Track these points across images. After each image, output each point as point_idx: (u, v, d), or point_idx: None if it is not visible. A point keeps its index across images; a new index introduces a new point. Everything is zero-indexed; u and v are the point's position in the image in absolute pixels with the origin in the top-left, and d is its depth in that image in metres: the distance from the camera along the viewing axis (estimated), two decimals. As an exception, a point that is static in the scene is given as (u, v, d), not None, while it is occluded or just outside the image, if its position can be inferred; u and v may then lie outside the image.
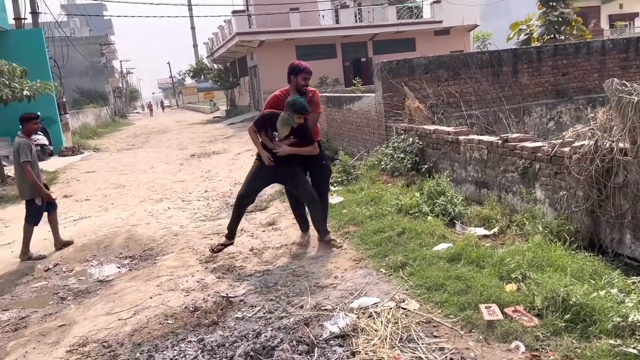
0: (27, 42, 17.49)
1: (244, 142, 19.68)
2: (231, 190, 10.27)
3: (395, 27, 30.48)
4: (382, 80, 10.14)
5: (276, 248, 5.99)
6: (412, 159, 8.62)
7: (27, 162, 6.43)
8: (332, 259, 5.31)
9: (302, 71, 5.64)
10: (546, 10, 13.95)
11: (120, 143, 25.17)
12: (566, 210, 5.24)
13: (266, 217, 7.55)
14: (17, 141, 6.55)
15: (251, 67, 31.95)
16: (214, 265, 5.60)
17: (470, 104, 10.66)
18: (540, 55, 11.18)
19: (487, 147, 6.84)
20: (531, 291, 3.66)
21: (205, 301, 4.62)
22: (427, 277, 4.25)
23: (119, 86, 64.24)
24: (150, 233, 7.33)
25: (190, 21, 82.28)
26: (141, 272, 5.69)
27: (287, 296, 4.51)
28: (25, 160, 6.42)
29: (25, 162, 6.42)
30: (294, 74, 5.65)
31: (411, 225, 5.59)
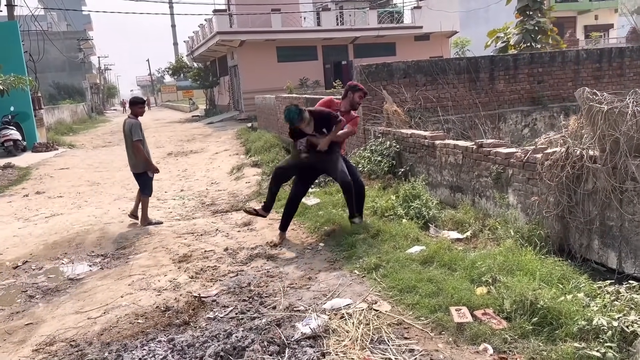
0: (1, 34, 17.12)
1: (222, 142, 19.61)
2: (207, 190, 10.22)
3: (376, 31, 30.64)
4: (362, 84, 10.16)
5: (251, 249, 5.97)
6: (389, 162, 8.68)
7: (139, 141, 7.31)
8: (306, 260, 5.32)
9: (360, 90, 6.36)
10: (523, 19, 14.21)
11: (96, 140, 24.82)
12: (537, 215, 5.33)
13: (242, 217, 7.50)
14: (128, 122, 7.42)
15: (231, 66, 31.78)
16: (187, 265, 5.56)
17: (447, 109, 10.77)
18: (516, 62, 11.36)
19: (462, 152, 6.92)
20: (501, 294, 3.72)
21: (177, 301, 4.57)
22: (400, 279, 4.28)
23: (96, 82, 63.31)
24: (124, 231, 7.24)
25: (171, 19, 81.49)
26: (113, 271, 5.62)
27: (260, 297, 4.50)
28: (137, 139, 7.30)
29: (137, 140, 7.29)
30: (353, 90, 6.35)
31: (386, 227, 5.63)
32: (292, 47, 29.84)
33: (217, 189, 10.20)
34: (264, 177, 9.56)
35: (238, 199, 8.90)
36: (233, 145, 17.88)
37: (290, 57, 29.85)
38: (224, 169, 12.68)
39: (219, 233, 6.79)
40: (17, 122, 17.32)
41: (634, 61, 12.24)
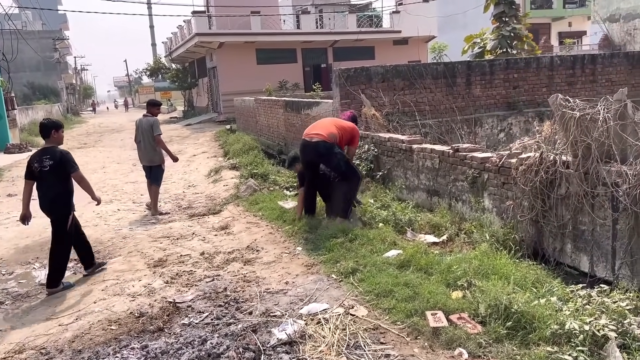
0: (-27, 33, 16.72)
1: (200, 144, 19.45)
2: (184, 193, 10.12)
3: (355, 35, 30.73)
4: (340, 87, 10.20)
5: (228, 253, 5.92)
6: (368, 165, 8.71)
7: (160, 134, 8.46)
8: (284, 265, 5.29)
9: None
10: (499, 25, 14.42)
11: (71, 141, 24.36)
12: (512, 219, 5.39)
13: (219, 220, 7.45)
14: (146, 120, 8.51)
15: (210, 68, 31.55)
16: (162, 270, 5.48)
17: (425, 113, 10.86)
18: (492, 68, 11.51)
19: (439, 156, 6.98)
20: (476, 299, 3.75)
21: (152, 307, 4.51)
22: (377, 283, 4.28)
23: (72, 83, 62.28)
24: (98, 235, 7.12)
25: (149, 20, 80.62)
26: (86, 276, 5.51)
27: (236, 302, 4.46)
28: (159, 133, 8.41)
29: (159, 134, 8.41)
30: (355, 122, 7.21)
31: (363, 231, 5.64)
32: (272, 50, 29.76)
33: (194, 192, 10.10)
34: (241, 180, 9.49)
35: (215, 202, 8.82)
36: (211, 148, 17.74)
37: (270, 59, 29.76)
38: (201, 172, 12.57)
39: (196, 237, 6.72)
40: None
41: (605, 68, 12.51)
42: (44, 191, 5.40)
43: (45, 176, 5.32)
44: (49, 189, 5.38)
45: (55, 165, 5.35)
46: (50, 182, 5.35)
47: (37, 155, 5.42)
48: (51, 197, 5.41)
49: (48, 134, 5.48)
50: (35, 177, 5.36)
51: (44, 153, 5.38)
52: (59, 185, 5.41)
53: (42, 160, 5.32)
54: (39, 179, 5.36)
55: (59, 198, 5.46)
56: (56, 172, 5.36)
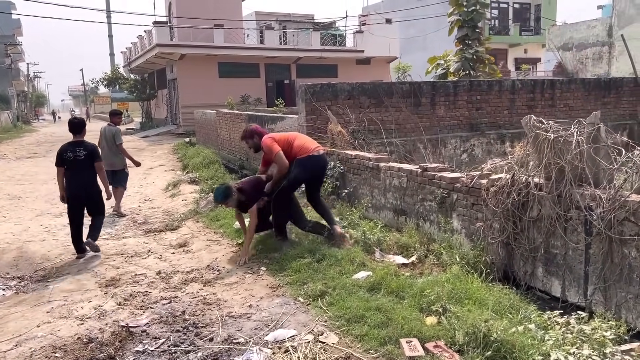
0: None
1: (157, 157, 18.89)
2: (140, 207, 9.67)
3: (319, 53, 30.85)
4: (306, 103, 10.04)
5: (186, 272, 5.58)
6: (333, 183, 8.54)
7: (122, 143, 9.22)
8: (247, 286, 5.00)
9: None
10: (462, 47, 14.67)
11: (20, 150, 23.31)
12: (482, 241, 5.29)
13: (177, 237, 7.09)
14: (109, 129, 9.23)
15: (170, 80, 30.94)
16: (115, 290, 5.10)
17: (391, 131, 10.80)
18: (456, 89, 11.61)
19: (407, 175, 6.87)
20: (452, 325, 3.57)
21: (102, 331, 4.13)
22: (347, 307, 4.06)
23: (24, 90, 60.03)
24: (45, 251, 6.63)
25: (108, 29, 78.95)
26: (29, 296, 5.06)
27: (195, 327, 4.14)
28: (120, 142, 9.16)
29: (121, 143, 9.18)
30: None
31: (331, 251, 5.41)
32: (235, 64, 29.48)
33: (150, 207, 9.66)
34: (202, 194, 9.13)
35: (173, 217, 8.43)
36: (169, 160, 17.23)
37: (232, 73, 29.46)
38: (158, 185, 12.10)
39: (152, 254, 6.34)
40: None
41: (564, 93, 12.84)
42: (78, 176, 6.39)
43: (79, 164, 6.36)
44: (83, 175, 6.40)
45: (88, 155, 6.40)
46: (84, 168, 6.40)
47: (69, 146, 6.44)
48: (85, 181, 6.42)
49: (80, 130, 6.58)
50: (67, 164, 6.35)
51: (78, 145, 6.44)
52: (91, 171, 6.45)
53: (76, 150, 6.37)
54: (72, 166, 6.35)
55: (92, 181, 6.49)
56: (88, 161, 6.40)
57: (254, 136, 6.41)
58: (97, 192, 6.58)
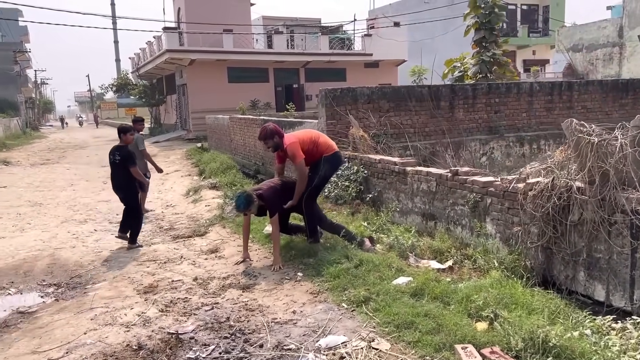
0: None
1: (171, 162, 18.95)
2: (163, 213, 9.70)
3: (327, 57, 30.91)
4: (326, 107, 10.06)
5: (222, 278, 5.59)
6: (357, 187, 8.54)
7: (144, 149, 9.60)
8: (286, 292, 5.01)
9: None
10: (480, 50, 14.67)
11: (33, 157, 23.39)
12: (520, 245, 5.28)
13: (207, 243, 7.10)
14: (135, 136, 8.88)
15: (180, 85, 31.06)
16: (154, 297, 5.11)
17: (410, 135, 10.82)
18: (475, 92, 11.61)
19: (436, 179, 6.86)
20: (506, 331, 3.57)
21: (150, 338, 4.15)
22: (395, 313, 4.06)
23: (32, 97, 60.34)
24: (77, 258, 6.66)
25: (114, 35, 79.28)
26: (70, 303, 5.08)
27: (242, 333, 4.15)
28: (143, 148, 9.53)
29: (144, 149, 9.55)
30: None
31: (368, 257, 5.41)
32: (244, 69, 29.58)
33: (173, 212, 9.69)
34: (226, 200, 9.14)
35: (199, 223, 8.45)
36: (184, 166, 17.28)
37: (242, 78, 29.57)
38: (177, 191, 12.14)
39: (185, 260, 6.36)
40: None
41: (581, 95, 12.81)
42: (114, 178, 7.31)
43: (115, 167, 7.17)
44: (118, 177, 7.22)
45: (122, 160, 7.07)
46: (119, 171, 7.14)
47: (112, 150, 7.25)
48: (119, 183, 7.23)
49: (119, 135, 7.36)
50: (110, 166, 7.27)
51: (117, 150, 7.20)
52: (125, 174, 7.09)
53: (115, 154, 7.15)
54: (111, 168, 7.26)
55: (125, 183, 7.18)
56: (123, 165, 7.06)
57: (275, 136, 6.28)
58: (130, 194, 7.25)
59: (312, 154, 6.36)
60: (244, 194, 5.93)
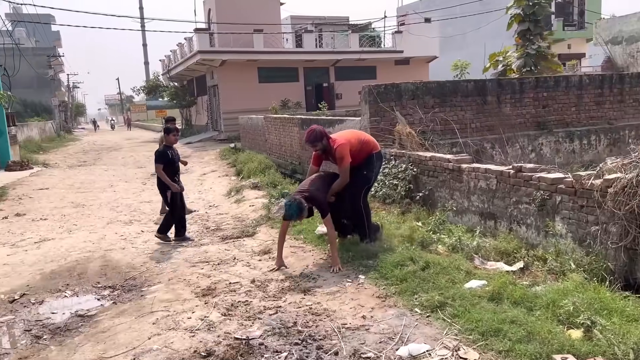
0: (-24, 46, 16.19)
1: (205, 162, 18.96)
2: (207, 213, 9.60)
3: (357, 54, 30.62)
4: (370, 104, 9.81)
5: (280, 280, 5.41)
6: (406, 186, 8.28)
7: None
8: (351, 295, 4.79)
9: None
10: (524, 43, 14.20)
11: (69, 159, 23.73)
12: (599, 246, 4.96)
13: (258, 244, 6.94)
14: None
15: (210, 86, 31.17)
16: (214, 300, 4.96)
17: (455, 132, 10.49)
18: (522, 86, 11.21)
19: (497, 176, 6.56)
20: (608, 340, 3.28)
21: (217, 344, 3.98)
22: (477, 320, 3.80)
23: (64, 100, 61.54)
24: (129, 259, 6.57)
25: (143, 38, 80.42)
26: (129, 306, 4.96)
27: (313, 339, 3.95)
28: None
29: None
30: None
31: (434, 258, 5.16)
32: (274, 68, 29.52)
33: (217, 213, 9.58)
34: (272, 200, 8.98)
35: (245, 223, 8.31)
36: (220, 166, 17.24)
37: (272, 78, 29.51)
38: (218, 191, 12.05)
39: (238, 262, 6.20)
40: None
41: (633, 87, 12.28)
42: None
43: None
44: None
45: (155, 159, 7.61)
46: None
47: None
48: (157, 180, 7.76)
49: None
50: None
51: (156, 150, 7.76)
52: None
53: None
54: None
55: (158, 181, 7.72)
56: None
57: (323, 138, 6.16)
58: (161, 191, 7.78)
59: (359, 154, 6.22)
60: (295, 202, 5.64)
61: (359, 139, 6.36)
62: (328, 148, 6.15)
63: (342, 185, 6.11)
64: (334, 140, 6.15)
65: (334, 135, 6.46)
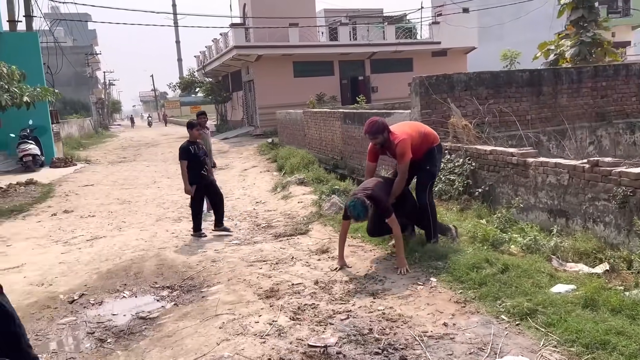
0: (21, 46, 16.44)
1: (244, 158, 18.88)
2: (255, 210, 9.42)
3: (394, 47, 30.09)
4: (421, 96, 9.46)
5: (345, 282, 5.15)
6: (464, 181, 7.92)
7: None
8: (426, 300, 4.50)
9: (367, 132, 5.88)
10: (578, 31, 13.54)
11: (109, 155, 24.05)
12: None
13: (314, 243, 6.70)
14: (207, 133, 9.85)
15: (246, 81, 31.12)
16: (279, 302, 4.74)
17: (510, 124, 10.04)
18: (580, 76, 10.66)
19: (569, 171, 6.15)
20: None
21: (291, 352, 3.75)
22: (577, 330, 3.47)
23: (101, 97, 62.70)
24: (184, 258, 6.42)
25: (175, 35, 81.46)
26: (191, 309, 4.78)
27: (394, 349, 3.68)
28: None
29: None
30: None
31: (512, 260, 4.82)
32: (309, 62, 29.26)
33: (265, 209, 9.39)
34: (322, 196, 8.72)
35: (296, 220, 8.09)
36: (259, 162, 17.12)
37: (307, 72, 29.27)
38: (262, 187, 11.88)
39: (297, 261, 5.97)
40: (35, 137, 16.54)
41: (698, 76, 11.55)
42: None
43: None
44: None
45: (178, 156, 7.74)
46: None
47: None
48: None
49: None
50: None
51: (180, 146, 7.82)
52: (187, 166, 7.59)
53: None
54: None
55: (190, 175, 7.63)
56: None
57: (384, 131, 5.83)
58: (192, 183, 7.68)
59: (419, 148, 5.92)
60: (359, 202, 5.32)
61: (419, 131, 6.04)
62: (388, 142, 5.85)
63: (402, 184, 5.82)
64: (394, 134, 5.84)
65: (393, 127, 6.15)
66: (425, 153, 6.00)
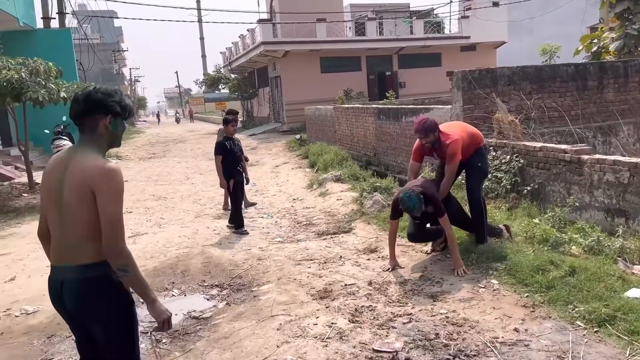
0: (55, 42, 16.60)
1: (274, 154, 18.82)
2: (293, 207, 9.31)
3: (422, 41, 29.70)
4: (463, 91, 9.21)
5: (400, 283, 4.99)
6: (511, 179, 7.67)
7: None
8: (490, 303, 4.31)
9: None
10: (622, 23, 13.08)
11: (139, 151, 24.19)
12: None
13: (360, 241, 6.55)
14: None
15: (272, 77, 31.08)
16: (334, 304, 4.60)
17: (554, 120, 9.74)
18: (627, 69, 10.29)
19: (630, 169, 5.88)
20: None
21: (356, 356, 3.61)
22: (667, 339, 3.26)
23: (127, 94, 63.50)
24: (229, 256, 6.33)
25: (199, 32, 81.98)
26: (245, 309, 4.68)
27: (466, 356, 3.51)
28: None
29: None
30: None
31: (579, 262, 4.60)
32: (336, 58, 29.06)
33: (304, 206, 9.26)
34: (363, 193, 8.55)
35: (337, 218, 7.95)
36: (290, 158, 17.03)
37: (334, 67, 29.09)
38: (297, 184, 11.77)
39: (346, 261, 5.83)
40: (69, 133, 16.68)
41: None
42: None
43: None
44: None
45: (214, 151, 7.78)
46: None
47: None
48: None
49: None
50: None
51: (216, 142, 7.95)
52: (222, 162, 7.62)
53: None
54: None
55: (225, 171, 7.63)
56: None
57: (435, 130, 5.65)
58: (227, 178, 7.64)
59: (467, 149, 5.76)
60: (414, 194, 5.15)
61: (467, 132, 5.88)
62: (438, 142, 5.66)
63: (449, 184, 5.67)
64: (445, 134, 5.65)
65: (442, 127, 5.96)
66: (474, 153, 5.84)
